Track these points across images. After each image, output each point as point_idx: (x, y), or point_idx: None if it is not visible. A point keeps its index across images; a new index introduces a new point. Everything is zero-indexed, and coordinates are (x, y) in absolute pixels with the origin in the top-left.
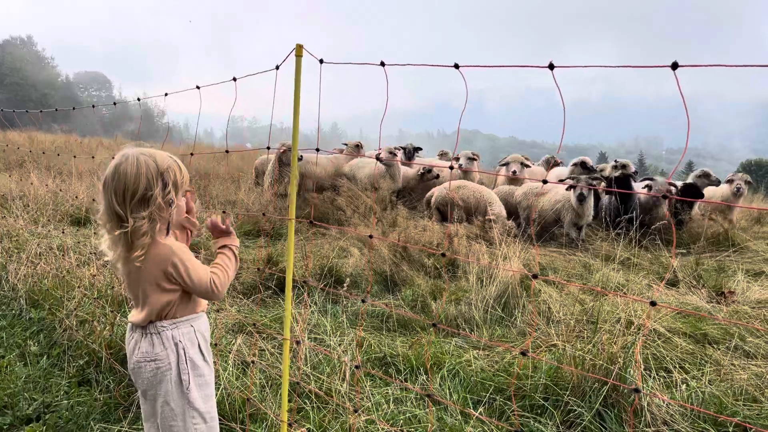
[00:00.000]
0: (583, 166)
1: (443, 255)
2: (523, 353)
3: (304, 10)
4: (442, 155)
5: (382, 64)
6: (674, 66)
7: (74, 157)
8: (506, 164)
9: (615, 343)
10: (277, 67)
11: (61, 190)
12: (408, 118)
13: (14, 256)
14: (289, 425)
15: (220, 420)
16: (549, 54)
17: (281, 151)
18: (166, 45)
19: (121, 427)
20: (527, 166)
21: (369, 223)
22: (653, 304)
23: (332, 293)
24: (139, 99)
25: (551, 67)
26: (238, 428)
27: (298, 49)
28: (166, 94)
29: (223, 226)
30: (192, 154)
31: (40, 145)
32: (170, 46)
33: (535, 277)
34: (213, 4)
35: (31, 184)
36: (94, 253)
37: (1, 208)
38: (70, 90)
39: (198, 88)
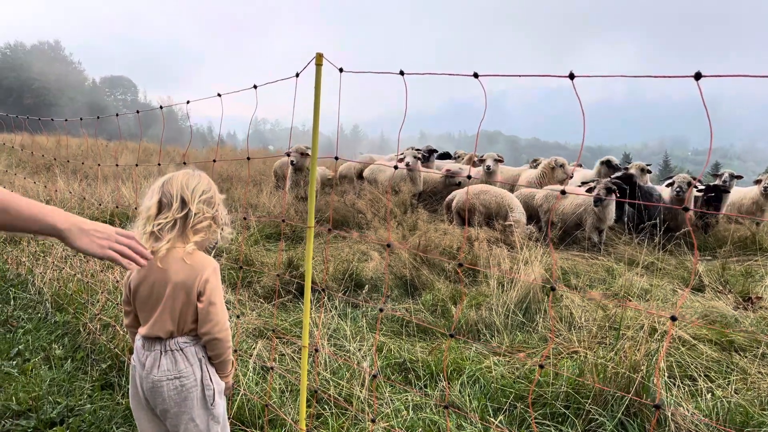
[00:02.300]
0: (608, 165)
1: (460, 265)
2: (541, 366)
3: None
4: (459, 157)
5: (402, 73)
6: (697, 76)
7: (98, 165)
8: (536, 166)
9: (638, 351)
10: (297, 75)
11: (86, 196)
12: (428, 120)
13: (40, 260)
14: None
15: (239, 425)
16: (568, 53)
17: (288, 153)
18: (187, 49)
19: None
20: (553, 168)
21: (389, 226)
22: (674, 319)
23: (352, 297)
24: (161, 107)
25: (571, 77)
26: None
27: (318, 58)
28: (188, 102)
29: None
30: (214, 161)
31: (68, 149)
32: (191, 51)
33: (553, 290)
34: (232, 9)
35: (55, 191)
36: None
37: None
38: (97, 94)
39: (219, 95)
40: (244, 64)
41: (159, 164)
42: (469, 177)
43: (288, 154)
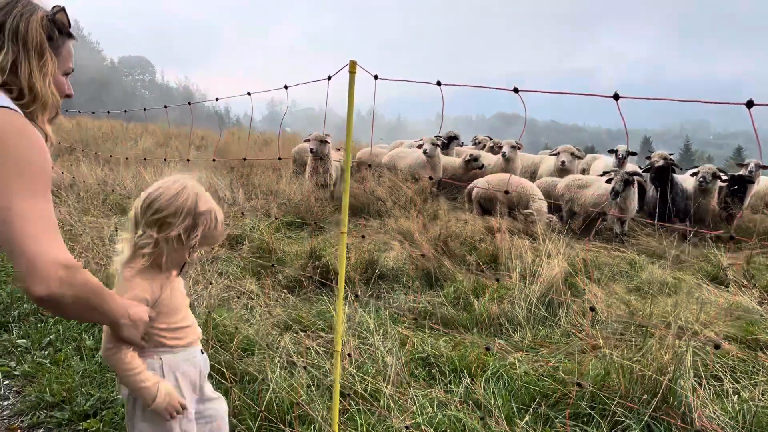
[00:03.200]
0: (615, 153)
1: (497, 280)
2: (580, 385)
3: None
4: (478, 143)
5: (439, 83)
6: (749, 104)
7: (126, 158)
8: (556, 154)
9: (666, 353)
10: (329, 78)
11: (108, 181)
12: (446, 101)
13: (69, 248)
14: None
15: (270, 422)
16: (587, 35)
17: (307, 140)
18: (204, 28)
19: None
20: (579, 157)
21: (409, 215)
22: (717, 347)
23: (374, 289)
24: (189, 103)
25: (616, 97)
26: (287, 430)
27: (352, 66)
28: (216, 99)
29: None
30: (245, 159)
31: (89, 131)
32: (208, 30)
33: (593, 309)
34: None
35: (73, 177)
36: None
37: (54, 197)
38: (116, 74)
39: (249, 94)
40: (262, 45)
41: (165, 159)
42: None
43: (307, 140)
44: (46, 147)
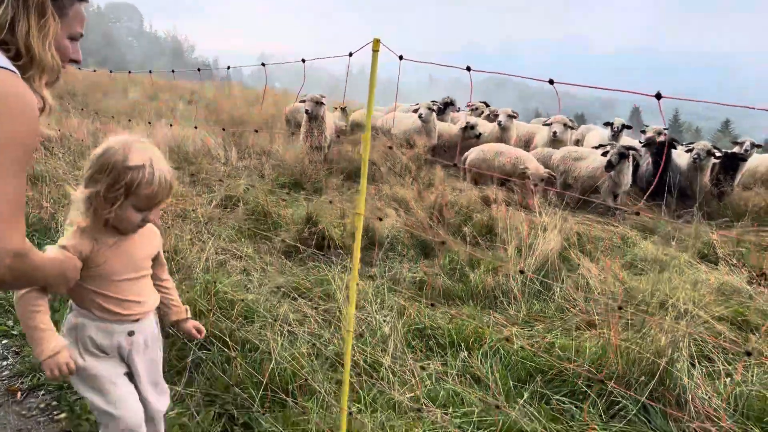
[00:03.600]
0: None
1: (521, 272)
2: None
3: None
4: (475, 109)
5: (468, 69)
6: (658, 96)
7: (113, 117)
8: (549, 124)
9: (664, 336)
10: (351, 54)
11: (99, 135)
12: (440, 65)
13: (63, 206)
14: (349, 413)
15: (273, 391)
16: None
17: (303, 101)
18: None
19: (177, 387)
20: (572, 128)
21: (404, 182)
22: (749, 354)
23: (368, 255)
24: (199, 70)
25: (658, 97)
26: (290, 401)
27: (375, 44)
28: (228, 68)
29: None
30: (256, 131)
31: (74, 78)
32: None
33: (620, 308)
34: None
35: (59, 130)
36: None
37: (44, 149)
38: (103, 21)
39: (263, 65)
40: None
41: (149, 122)
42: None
43: (302, 101)
44: (36, 115)
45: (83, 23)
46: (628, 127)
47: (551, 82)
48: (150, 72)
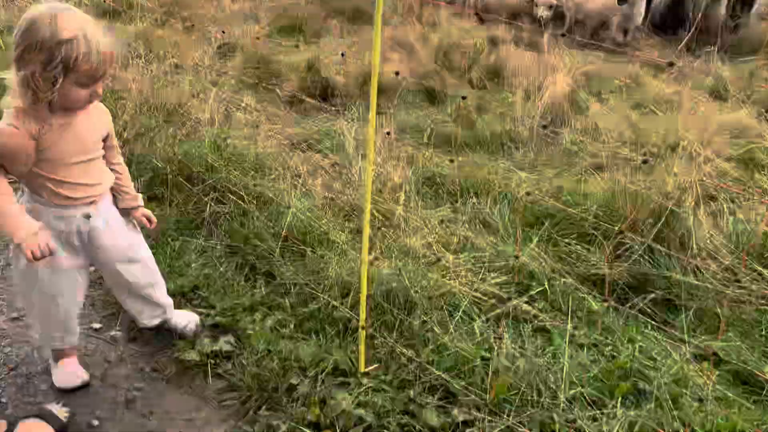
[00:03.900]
0: None
1: (546, 126)
2: None
3: None
4: None
5: None
6: None
7: None
8: None
9: (672, 180)
10: None
11: None
12: None
13: None
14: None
15: (294, 243)
16: None
17: None
18: None
19: (198, 239)
20: None
21: (405, 21)
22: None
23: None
24: None
25: None
26: (308, 251)
27: None
28: None
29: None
30: None
31: None
32: None
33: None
34: None
35: None
36: (132, 54)
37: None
38: None
39: None
40: None
41: None
42: None
43: None
44: None
45: None
46: None
47: None
48: None
